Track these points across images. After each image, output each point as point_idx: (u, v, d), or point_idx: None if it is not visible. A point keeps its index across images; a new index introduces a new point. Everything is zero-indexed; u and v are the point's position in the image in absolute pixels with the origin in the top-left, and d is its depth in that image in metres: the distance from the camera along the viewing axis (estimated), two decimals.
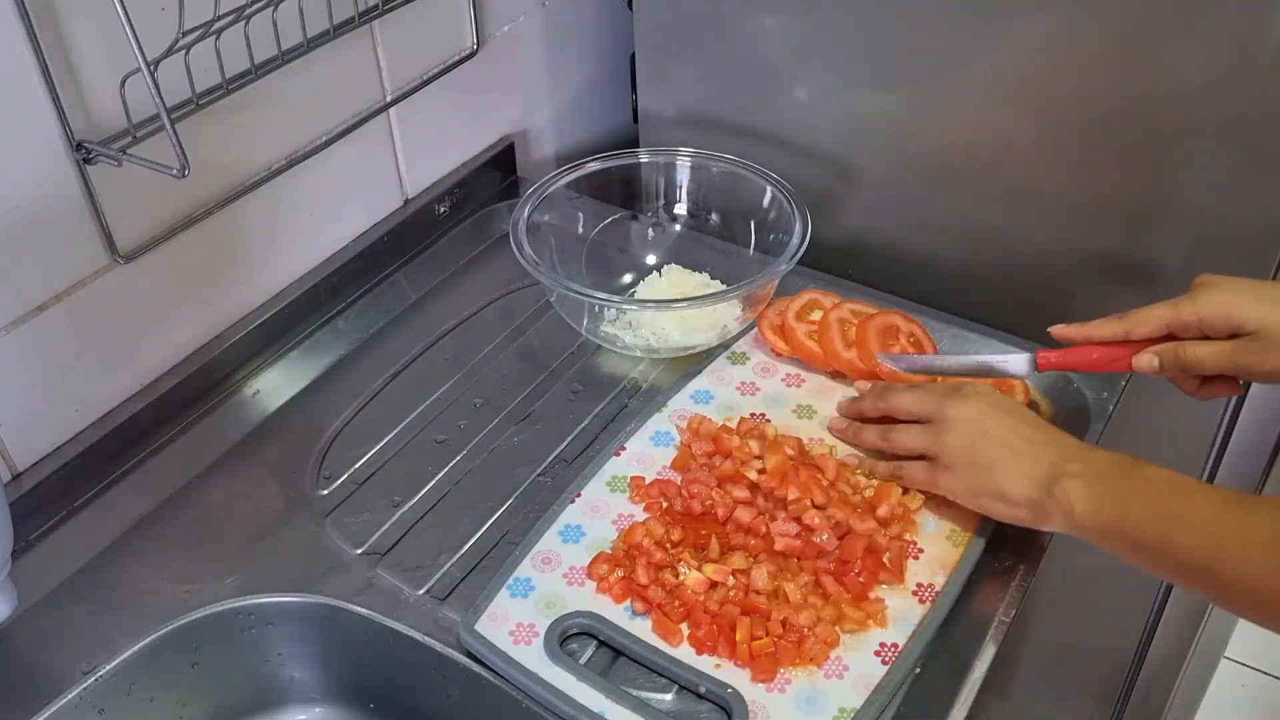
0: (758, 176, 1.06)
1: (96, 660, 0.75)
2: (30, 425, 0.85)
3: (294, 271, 1.04)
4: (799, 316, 0.99)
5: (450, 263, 1.14)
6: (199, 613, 0.78)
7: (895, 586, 0.80)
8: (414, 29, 1.05)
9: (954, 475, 0.81)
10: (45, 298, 0.83)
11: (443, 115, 1.14)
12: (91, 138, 0.80)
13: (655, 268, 1.10)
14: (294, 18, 0.89)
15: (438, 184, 1.16)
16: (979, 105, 1.02)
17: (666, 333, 1.00)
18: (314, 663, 0.82)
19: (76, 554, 0.84)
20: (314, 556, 0.84)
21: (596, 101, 1.36)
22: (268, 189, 0.96)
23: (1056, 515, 0.75)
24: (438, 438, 0.94)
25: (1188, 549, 0.68)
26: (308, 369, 1.01)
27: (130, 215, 0.86)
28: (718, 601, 0.78)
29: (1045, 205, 1.04)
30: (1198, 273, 0.99)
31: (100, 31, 0.78)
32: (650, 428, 0.93)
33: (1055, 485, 0.75)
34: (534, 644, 0.76)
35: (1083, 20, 0.93)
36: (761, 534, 0.82)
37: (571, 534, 0.84)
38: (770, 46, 1.09)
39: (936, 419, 0.83)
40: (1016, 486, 0.77)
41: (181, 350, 0.96)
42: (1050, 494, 0.75)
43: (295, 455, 0.92)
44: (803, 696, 0.74)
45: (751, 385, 0.97)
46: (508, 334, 1.05)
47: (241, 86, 0.87)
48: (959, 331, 1.01)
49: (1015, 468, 0.78)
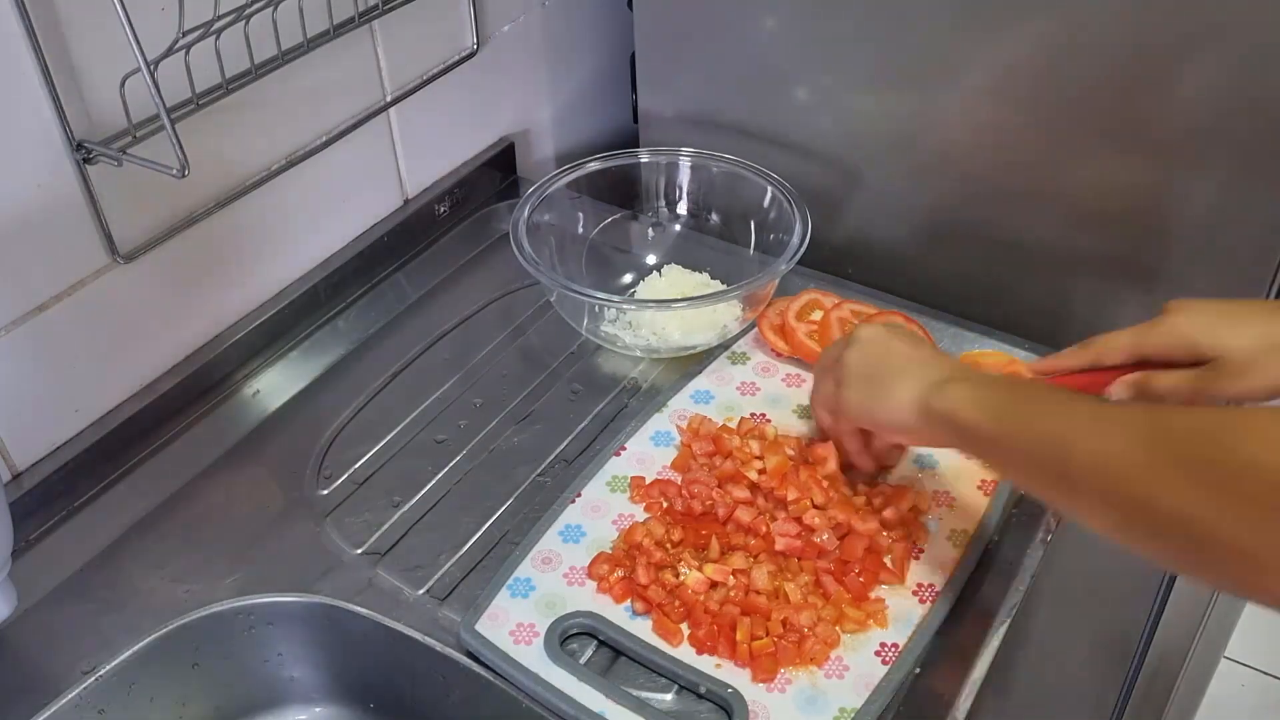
0: (758, 176, 1.06)
1: (96, 660, 0.75)
2: (30, 425, 0.85)
3: (294, 271, 1.04)
4: (799, 316, 0.99)
5: (450, 263, 1.14)
6: (199, 613, 0.77)
7: (895, 586, 0.80)
8: (414, 29, 1.05)
9: (851, 387, 0.81)
10: (45, 298, 0.83)
11: (443, 115, 1.14)
12: (91, 138, 0.80)
13: (655, 268, 1.10)
14: (294, 18, 0.89)
15: (438, 184, 1.16)
16: (979, 105, 1.02)
17: (666, 333, 1.00)
18: (314, 663, 0.82)
19: (76, 554, 0.84)
20: (314, 556, 0.84)
21: (596, 101, 1.36)
22: (268, 189, 0.96)
23: (939, 419, 0.74)
24: (438, 438, 0.94)
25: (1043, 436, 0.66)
26: (308, 369, 1.01)
27: (130, 215, 0.86)
28: (718, 601, 0.78)
29: (1045, 205, 1.04)
30: (1197, 274, 1.00)
31: (100, 31, 0.78)
32: (650, 428, 0.93)
33: (944, 389, 0.74)
34: (534, 644, 0.76)
35: (1083, 21, 0.93)
36: (762, 534, 0.82)
37: (572, 534, 0.84)
38: (770, 46, 1.09)
39: (847, 344, 0.83)
40: (908, 392, 0.76)
41: (181, 350, 0.96)
42: (938, 394, 0.74)
43: (295, 455, 0.92)
44: (803, 696, 0.74)
45: (752, 385, 0.97)
46: (508, 334, 1.05)
47: (241, 86, 0.87)
48: (959, 331, 1.01)
49: (910, 376, 0.77)
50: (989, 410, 0.71)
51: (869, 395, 0.80)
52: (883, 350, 0.80)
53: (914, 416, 0.76)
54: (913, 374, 0.77)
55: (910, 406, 0.76)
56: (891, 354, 0.80)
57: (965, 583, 0.80)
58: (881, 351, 0.80)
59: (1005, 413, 0.70)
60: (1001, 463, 0.73)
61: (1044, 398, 0.71)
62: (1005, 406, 0.70)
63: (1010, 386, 0.75)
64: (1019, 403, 0.70)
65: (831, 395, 0.84)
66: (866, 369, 0.80)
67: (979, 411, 0.71)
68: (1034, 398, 0.71)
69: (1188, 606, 1.22)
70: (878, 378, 0.79)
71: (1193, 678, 1.34)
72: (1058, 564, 1.13)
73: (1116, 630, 1.29)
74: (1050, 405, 0.68)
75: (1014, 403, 0.70)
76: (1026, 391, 0.74)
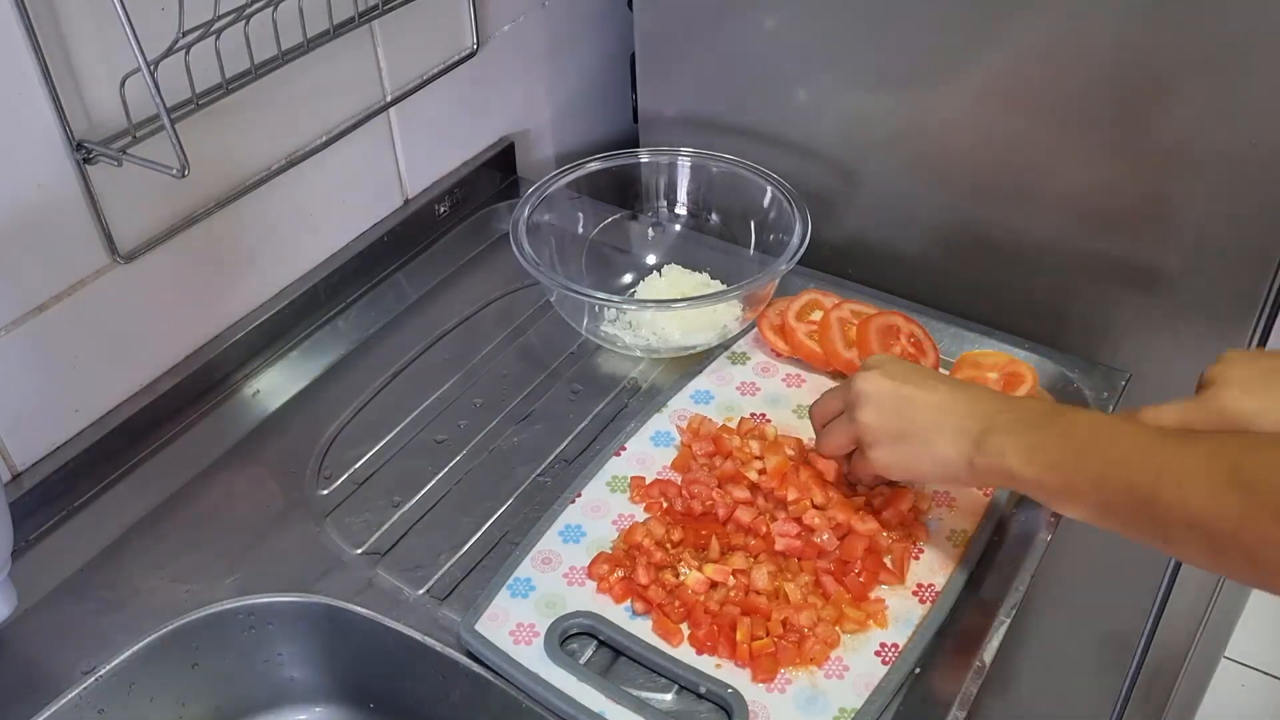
0: (758, 176, 1.06)
1: (96, 660, 0.75)
2: (30, 425, 0.85)
3: (294, 271, 1.04)
4: (799, 316, 0.99)
5: (450, 263, 1.14)
6: (199, 613, 0.77)
7: (895, 586, 0.80)
8: (414, 29, 1.05)
9: (881, 449, 0.77)
10: (45, 298, 0.83)
11: (443, 115, 1.14)
12: (91, 138, 0.80)
13: (655, 268, 1.10)
14: (294, 18, 0.89)
15: (438, 184, 1.16)
16: (979, 105, 1.02)
17: (666, 333, 1.00)
18: (314, 663, 0.82)
19: (76, 554, 0.84)
20: (314, 556, 0.84)
21: (596, 101, 1.36)
22: (268, 189, 0.96)
23: (990, 470, 0.72)
24: (438, 438, 0.94)
25: (1124, 486, 0.64)
26: (308, 369, 1.01)
27: (130, 215, 0.86)
28: (718, 601, 0.78)
29: (1045, 205, 1.04)
30: (1197, 274, 1.00)
31: (100, 31, 0.78)
32: (650, 428, 0.93)
33: (986, 439, 0.72)
34: (534, 644, 0.76)
35: (1083, 21, 0.93)
36: (762, 534, 0.82)
37: (572, 534, 0.84)
38: (770, 46, 1.09)
39: (849, 402, 0.79)
40: (950, 448, 0.74)
41: (181, 350, 0.96)
42: (981, 449, 0.72)
43: (295, 455, 0.92)
44: (803, 696, 0.74)
45: (752, 385, 0.97)
46: (508, 334, 1.05)
47: (241, 86, 0.87)
48: (959, 332, 1.01)
49: (946, 428, 0.74)
50: (1044, 463, 0.69)
51: (903, 456, 0.77)
52: (899, 402, 0.77)
53: (961, 471, 0.74)
54: (947, 427, 0.74)
55: (955, 463, 0.74)
56: (913, 406, 0.76)
57: (965, 583, 0.80)
58: (898, 404, 0.76)
59: (1065, 464, 0.68)
60: (1072, 509, 0.70)
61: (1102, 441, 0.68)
62: (1064, 458, 0.68)
63: (1057, 429, 0.70)
64: (1079, 453, 0.68)
65: (841, 446, 0.81)
66: (891, 428, 0.77)
67: (1034, 467, 0.69)
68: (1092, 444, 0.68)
69: (1188, 606, 1.22)
70: (907, 436, 0.76)
71: (1193, 678, 1.34)
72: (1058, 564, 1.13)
73: (1116, 630, 1.29)
74: (1115, 451, 0.66)
75: (1073, 454, 0.68)
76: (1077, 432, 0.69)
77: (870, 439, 0.78)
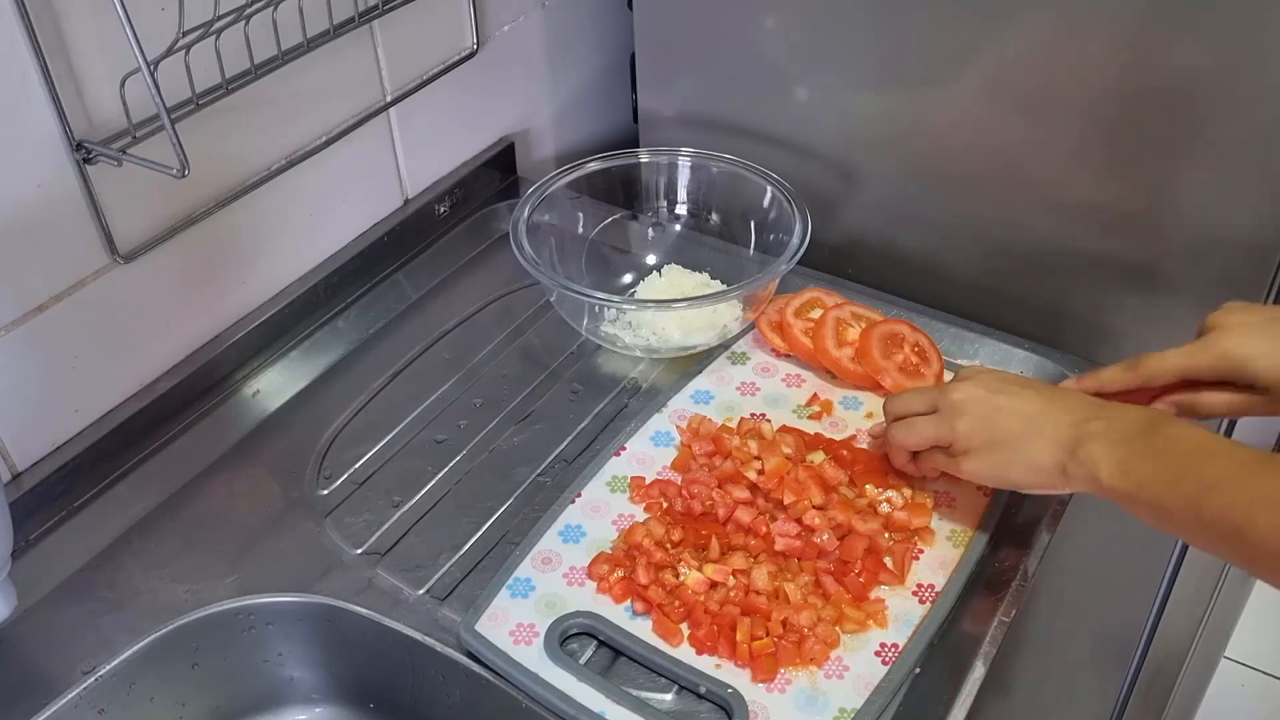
0: (758, 176, 1.06)
1: (96, 660, 0.75)
2: (30, 425, 0.85)
3: (294, 271, 1.04)
4: (798, 313, 0.99)
5: (450, 263, 1.14)
6: (199, 613, 0.78)
7: (895, 587, 0.80)
8: (414, 29, 1.05)
9: (975, 458, 0.79)
10: (45, 298, 0.83)
11: (443, 115, 1.14)
12: (91, 138, 0.80)
13: (655, 268, 1.10)
14: (294, 18, 0.89)
15: (438, 184, 1.16)
16: (979, 105, 1.02)
17: (666, 333, 1.00)
18: (314, 663, 0.82)
19: (76, 554, 0.84)
20: (314, 556, 0.84)
21: (596, 101, 1.36)
22: (268, 189, 0.96)
23: (1081, 479, 0.73)
24: (438, 438, 0.94)
25: (1218, 511, 0.65)
26: (308, 369, 1.01)
27: (130, 215, 0.86)
28: (718, 602, 0.78)
29: (1045, 205, 1.04)
30: (1197, 274, 1.00)
31: (100, 31, 0.78)
32: (650, 428, 0.93)
33: (1079, 448, 0.73)
34: (534, 644, 0.76)
35: (1083, 21, 0.93)
36: (762, 534, 0.82)
37: (571, 534, 0.84)
38: (770, 46, 1.09)
39: (942, 407, 0.81)
40: (1044, 454, 0.75)
41: (181, 350, 0.96)
42: (1074, 457, 0.73)
43: (295, 455, 0.92)
44: (803, 697, 0.74)
45: (752, 385, 0.97)
46: (508, 334, 1.05)
47: (241, 86, 0.87)
48: (959, 332, 1.01)
49: (1039, 436, 0.75)
50: (1135, 477, 0.70)
51: (998, 464, 0.78)
52: (993, 411, 0.78)
53: (1055, 478, 0.75)
54: (1041, 434, 0.75)
55: (1049, 470, 0.75)
56: (1008, 414, 0.78)
57: (965, 583, 0.81)
58: (992, 413, 0.78)
59: (1157, 482, 0.69)
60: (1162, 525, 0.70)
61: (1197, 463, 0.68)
62: (1157, 476, 0.69)
63: (1152, 445, 0.70)
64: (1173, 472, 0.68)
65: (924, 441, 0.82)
66: (987, 437, 0.78)
67: (1125, 480, 0.70)
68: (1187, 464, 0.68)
69: (1188, 606, 1.22)
70: (1003, 444, 0.77)
71: (1193, 678, 1.34)
72: (1058, 564, 1.13)
73: (1116, 630, 1.29)
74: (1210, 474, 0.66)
75: (1167, 472, 0.68)
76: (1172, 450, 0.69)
77: (964, 447, 0.79)
